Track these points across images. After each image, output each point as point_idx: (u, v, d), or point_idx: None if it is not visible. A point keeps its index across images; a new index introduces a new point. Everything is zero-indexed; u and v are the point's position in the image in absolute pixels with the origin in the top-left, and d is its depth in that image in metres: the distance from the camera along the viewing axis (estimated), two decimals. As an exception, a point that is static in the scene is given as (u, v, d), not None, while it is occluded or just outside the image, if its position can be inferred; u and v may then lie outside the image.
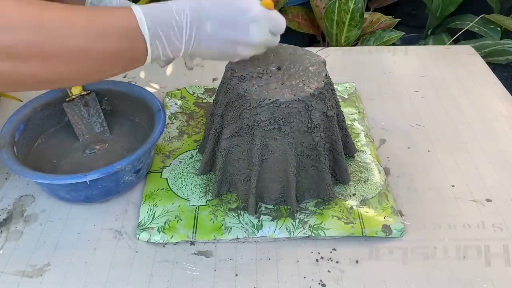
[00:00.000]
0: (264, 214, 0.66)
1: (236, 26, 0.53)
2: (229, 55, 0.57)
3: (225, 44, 0.54)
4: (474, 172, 0.74)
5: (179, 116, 0.84)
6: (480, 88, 0.93)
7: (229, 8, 0.53)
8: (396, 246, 0.63)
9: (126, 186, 0.69)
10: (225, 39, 0.54)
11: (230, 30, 0.53)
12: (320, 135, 0.63)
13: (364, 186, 0.70)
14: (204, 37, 0.53)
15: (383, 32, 1.49)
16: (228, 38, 0.54)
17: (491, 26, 1.50)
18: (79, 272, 0.60)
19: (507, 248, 0.63)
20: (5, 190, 0.71)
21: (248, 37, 0.54)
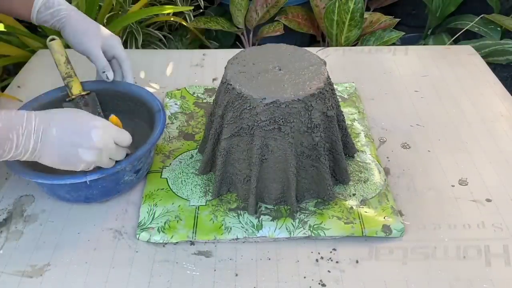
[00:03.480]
0: (264, 214, 0.66)
1: (80, 132, 0.58)
2: (72, 159, 0.58)
3: (69, 147, 0.57)
4: (474, 172, 0.74)
5: (179, 116, 0.84)
6: (480, 88, 0.93)
7: (74, 119, 0.59)
8: (396, 246, 0.63)
9: (126, 186, 0.69)
10: (69, 142, 0.57)
11: (74, 135, 0.57)
12: (320, 135, 0.63)
13: (364, 186, 0.70)
14: (50, 141, 0.56)
15: (383, 32, 1.50)
16: (71, 141, 0.57)
17: (491, 26, 1.50)
18: (79, 272, 0.60)
19: (507, 248, 0.63)
20: (5, 190, 0.71)
21: (89, 141, 0.57)
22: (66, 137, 0.57)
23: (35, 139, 0.55)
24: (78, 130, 0.57)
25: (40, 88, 0.79)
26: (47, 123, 0.56)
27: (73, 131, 0.57)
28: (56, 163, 0.58)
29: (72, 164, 0.58)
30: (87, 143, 0.57)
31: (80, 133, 0.57)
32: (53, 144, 0.56)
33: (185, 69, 0.99)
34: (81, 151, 0.57)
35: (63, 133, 0.57)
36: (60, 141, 0.56)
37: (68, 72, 0.74)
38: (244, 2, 1.64)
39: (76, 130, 0.57)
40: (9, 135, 0.54)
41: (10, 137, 0.54)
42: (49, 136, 0.56)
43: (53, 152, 0.57)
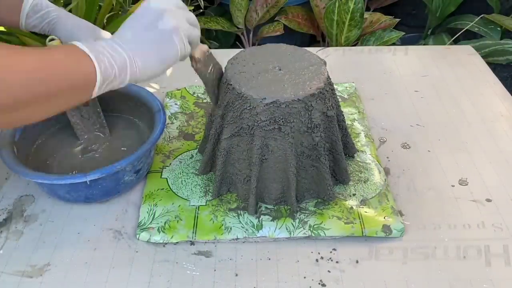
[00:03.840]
0: (264, 214, 0.66)
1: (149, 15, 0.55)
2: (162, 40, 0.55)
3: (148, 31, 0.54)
4: (474, 172, 0.74)
5: (179, 116, 0.84)
6: (480, 88, 0.93)
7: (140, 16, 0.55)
8: (396, 246, 0.63)
9: (126, 186, 0.69)
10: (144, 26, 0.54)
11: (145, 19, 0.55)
12: (320, 135, 0.63)
13: (364, 186, 0.70)
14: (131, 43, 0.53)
15: (383, 32, 1.50)
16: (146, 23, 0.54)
17: (491, 26, 1.50)
18: (79, 272, 0.60)
19: (507, 248, 0.63)
20: (5, 190, 0.71)
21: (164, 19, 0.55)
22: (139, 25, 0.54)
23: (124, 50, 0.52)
24: (148, 15, 0.54)
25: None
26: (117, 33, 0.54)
27: (142, 18, 0.54)
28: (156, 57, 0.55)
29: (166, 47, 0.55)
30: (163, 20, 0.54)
31: (150, 15, 0.54)
32: (136, 41, 0.53)
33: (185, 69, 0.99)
34: (160, 23, 0.54)
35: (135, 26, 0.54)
36: (137, 34, 0.54)
37: (68, 72, 0.73)
38: (244, 2, 1.64)
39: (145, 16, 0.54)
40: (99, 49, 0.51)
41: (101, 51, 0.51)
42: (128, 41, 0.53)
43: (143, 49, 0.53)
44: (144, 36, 0.54)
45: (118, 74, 0.52)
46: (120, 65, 0.52)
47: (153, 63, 0.55)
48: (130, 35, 0.54)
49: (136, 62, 0.53)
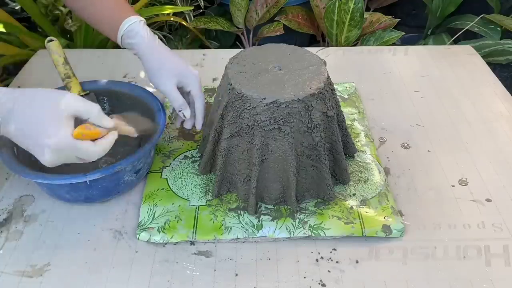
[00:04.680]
0: (264, 214, 0.66)
1: (34, 144, 0.53)
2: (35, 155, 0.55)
3: (28, 146, 0.54)
4: (474, 172, 0.74)
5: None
6: (480, 88, 0.93)
7: (33, 123, 0.53)
8: (396, 246, 0.63)
9: (126, 186, 0.69)
10: (25, 145, 0.54)
11: (29, 143, 0.53)
12: (320, 135, 0.63)
13: (364, 186, 0.70)
14: (9, 134, 0.54)
15: (383, 32, 1.49)
16: (28, 147, 0.54)
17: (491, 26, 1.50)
18: (79, 272, 0.60)
19: (507, 248, 0.63)
20: (5, 190, 0.71)
21: (42, 157, 0.54)
22: (23, 141, 0.54)
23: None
24: (33, 141, 0.53)
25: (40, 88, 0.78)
26: (6, 115, 0.53)
27: (29, 139, 0.53)
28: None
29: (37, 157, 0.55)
30: (40, 158, 0.54)
31: (34, 146, 0.53)
32: (13, 137, 0.54)
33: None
34: (39, 155, 0.54)
35: (21, 135, 0.53)
36: (18, 139, 0.54)
37: (67, 73, 0.73)
38: (244, 2, 1.64)
39: (31, 139, 0.53)
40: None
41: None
42: (8, 130, 0.53)
43: (16, 141, 0.54)
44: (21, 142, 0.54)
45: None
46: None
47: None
48: (13, 129, 0.53)
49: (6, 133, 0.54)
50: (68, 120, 0.53)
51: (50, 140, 0.52)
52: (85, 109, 0.54)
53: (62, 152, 0.53)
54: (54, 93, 0.55)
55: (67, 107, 0.53)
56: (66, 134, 0.53)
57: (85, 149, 0.54)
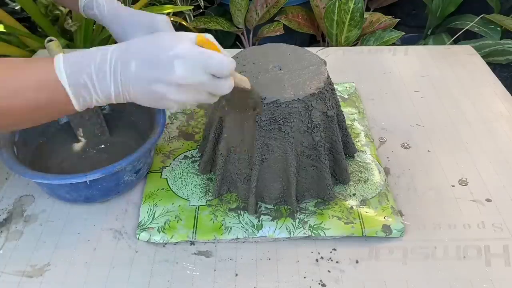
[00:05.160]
0: (264, 214, 0.66)
1: (159, 64, 0.47)
2: (158, 98, 0.49)
3: (151, 84, 0.48)
4: (474, 172, 0.74)
5: (179, 116, 0.84)
6: (480, 88, 0.93)
7: (153, 47, 0.48)
8: (396, 246, 0.63)
9: (126, 186, 0.69)
10: (149, 78, 0.47)
11: (154, 69, 0.47)
12: (320, 135, 0.63)
13: (364, 186, 0.70)
14: (130, 78, 0.48)
15: (383, 32, 1.50)
16: (152, 76, 0.47)
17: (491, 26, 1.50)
18: (79, 272, 0.60)
19: (507, 248, 0.63)
20: (5, 190, 0.71)
21: (171, 75, 0.47)
22: (145, 72, 0.47)
23: (113, 80, 0.47)
24: (158, 62, 0.46)
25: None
26: (124, 57, 0.47)
27: (152, 63, 0.47)
28: (146, 102, 0.50)
29: (161, 104, 0.49)
30: (170, 77, 0.46)
31: (160, 65, 0.47)
32: (135, 81, 0.47)
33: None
34: (164, 89, 0.47)
35: (142, 67, 0.47)
36: (139, 78, 0.47)
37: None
38: (244, 2, 1.64)
39: (156, 61, 0.47)
40: (82, 79, 0.47)
41: (84, 82, 0.47)
42: (128, 73, 0.47)
43: (138, 89, 0.48)
44: (141, 79, 0.47)
45: (101, 102, 0.50)
46: (104, 97, 0.49)
47: (143, 103, 0.50)
48: (133, 66, 0.47)
49: (124, 96, 0.49)
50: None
51: (176, 49, 0.46)
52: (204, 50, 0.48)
53: (193, 62, 0.47)
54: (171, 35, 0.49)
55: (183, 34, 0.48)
56: (190, 43, 0.47)
57: (217, 57, 0.47)
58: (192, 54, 0.47)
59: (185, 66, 0.47)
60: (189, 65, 0.47)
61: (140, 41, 0.49)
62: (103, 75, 0.47)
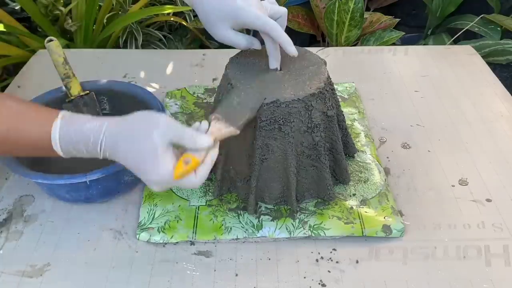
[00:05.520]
0: (264, 214, 0.66)
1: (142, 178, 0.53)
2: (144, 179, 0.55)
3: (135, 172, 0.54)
4: (474, 172, 0.74)
5: (179, 116, 0.84)
6: (480, 88, 0.93)
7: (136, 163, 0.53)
8: (396, 246, 0.63)
9: (126, 186, 0.69)
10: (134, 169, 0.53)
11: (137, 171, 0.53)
12: (320, 135, 0.63)
13: (364, 186, 0.70)
14: (118, 156, 0.53)
15: (383, 32, 1.49)
16: (136, 171, 0.53)
17: (491, 26, 1.50)
18: (79, 272, 0.60)
19: (507, 248, 0.63)
20: (5, 190, 0.71)
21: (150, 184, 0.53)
22: (131, 166, 0.53)
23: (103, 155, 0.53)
24: (139, 175, 0.53)
25: (40, 88, 0.79)
26: (113, 143, 0.52)
27: (135, 168, 0.53)
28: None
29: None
30: (149, 183, 0.53)
31: (143, 172, 0.53)
32: (122, 161, 0.53)
33: (185, 69, 0.99)
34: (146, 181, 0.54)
35: (127, 163, 0.53)
36: (126, 164, 0.54)
37: (67, 73, 0.73)
38: (244, 2, 1.64)
39: (138, 173, 0.53)
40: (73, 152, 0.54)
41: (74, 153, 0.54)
42: (117, 156, 0.53)
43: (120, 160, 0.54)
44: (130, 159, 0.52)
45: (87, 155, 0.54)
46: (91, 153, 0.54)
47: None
48: (122, 148, 0.52)
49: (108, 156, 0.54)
50: (164, 152, 0.51)
51: (152, 178, 0.52)
52: (177, 135, 0.52)
53: (167, 185, 0.54)
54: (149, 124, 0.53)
55: (161, 138, 0.52)
56: (166, 171, 0.51)
57: (187, 183, 0.53)
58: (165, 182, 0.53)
59: (159, 188, 0.54)
60: (163, 186, 0.54)
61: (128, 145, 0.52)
62: (94, 153, 0.53)
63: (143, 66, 0.99)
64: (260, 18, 0.61)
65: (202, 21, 0.64)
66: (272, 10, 0.64)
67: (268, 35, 0.62)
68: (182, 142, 0.52)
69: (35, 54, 1.04)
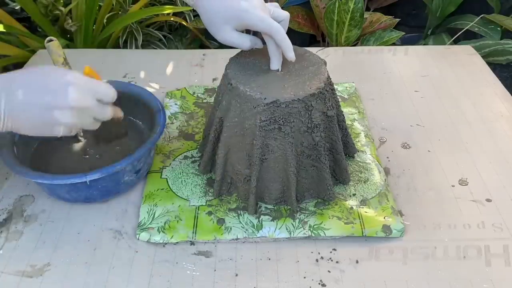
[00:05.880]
0: (264, 214, 0.66)
1: (52, 91, 0.51)
2: (49, 123, 0.52)
3: (41, 110, 0.51)
4: (474, 172, 0.74)
5: (179, 116, 0.84)
6: (480, 88, 0.93)
7: (42, 76, 0.52)
8: (396, 246, 0.63)
9: (126, 186, 0.69)
10: (40, 104, 0.50)
11: (46, 95, 0.50)
12: (320, 135, 0.63)
13: (364, 186, 0.70)
14: (16, 105, 0.50)
15: (383, 32, 1.49)
16: (43, 101, 0.50)
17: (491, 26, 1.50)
18: (79, 272, 0.60)
19: (507, 248, 0.63)
20: (5, 190, 0.71)
21: (65, 99, 0.51)
22: (36, 98, 0.50)
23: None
24: (50, 89, 0.50)
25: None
26: (8, 85, 0.49)
27: (43, 90, 0.50)
28: (31, 130, 0.53)
29: (49, 129, 0.52)
30: (62, 102, 0.50)
31: (53, 91, 0.50)
32: (22, 109, 0.50)
33: (185, 69, 0.99)
34: (57, 112, 0.51)
35: (32, 94, 0.50)
36: (29, 104, 0.50)
37: (68, 73, 0.73)
38: (244, 2, 1.64)
39: (47, 88, 0.50)
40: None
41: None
42: (15, 101, 0.49)
43: (24, 118, 0.51)
44: (31, 105, 0.50)
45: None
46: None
47: (26, 132, 0.53)
48: (20, 94, 0.50)
49: (6, 125, 0.51)
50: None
51: (68, 77, 0.51)
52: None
53: (84, 88, 0.52)
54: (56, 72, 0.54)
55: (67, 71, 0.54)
56: (78, 73, 0.53)
57: (104, 85, 0.55)
58: (83, 81, 0.53)
59: (77, 91, 0.52)
60: (81, 90, 0.52)
61: (27, 72, 0.53)
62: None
63: (143, 66, 0.99)
64: (264, 20, 0.61)
65: (205, 23, 0.64)
66: (274, 13, 0.64)
67: (271, 37, 0.62)
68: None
69: (35, 54, 1.04)
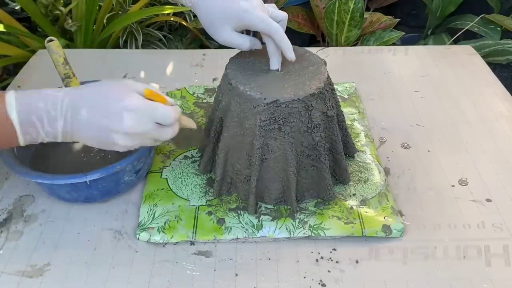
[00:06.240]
0: (264, 214, 0.66)
1: (110, 114, 0.52)
2: (107, 143, 0.55)
3: (101, 131, 0.53)
4: (474, 172, 0.74)
5: (179, 116, 0.84)
6: (480, 88, 0.93)
7: (104, 97, 0.53)
8: (396, 246, 0.63)
9: (126, 186, 0.69)
10: (99, 126, 0.53)
11: (103, 117, 0.52)
12: (320, 135, 0.63)
13: (364, 186, 0.70)
14: (80, 124, 0.52)
15: (383, 32, 1.50)
16: (102, 124, 0.52)
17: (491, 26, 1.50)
18: (79, 272, 0.60)
19: (507, 248, 0.63)
20: (5, 190, 0.71)
21: (120, 126, 0.53)
22: (96, 120, 0.52)
23: (63, 124, 0.51)
24: (109, 111, 0.52)
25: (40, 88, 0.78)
26: (75, 103, 0.51)
27: (103, 112, 0.52)
28: (93, 144, 0.55)
29: (109, 147, 0.55)
30: (119, 127, 0.52)
31: (110, 115, 0.52)
32: (85, 126, 0.52)
33: (185, 69, 0.99)
34: (114, 136, 0.53)
35: (93, 115, 0.52)
36: (91, 124, 0.52)
37: (67, 73, 0.73)
38: (244, 2, 1.64)
39: (107, 111, 0.52)
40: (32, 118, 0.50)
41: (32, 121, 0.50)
42: (79, 119, 0.52)
43: (87, 134, 0.53)
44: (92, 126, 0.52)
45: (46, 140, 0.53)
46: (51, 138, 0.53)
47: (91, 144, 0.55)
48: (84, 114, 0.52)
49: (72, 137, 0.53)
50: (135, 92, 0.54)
51: (125, 102, 0.52)
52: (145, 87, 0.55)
53: (141, 113, 0.53)
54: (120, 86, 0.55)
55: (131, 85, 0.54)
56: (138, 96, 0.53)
57: (162, 109, 0.54)
58: (140, 106, 0.53)
59: (133, 117, 0.53)
60: (136, 116, 0.53)
61: (91, 89, 0.54)
62: (53, 118, 0.51)
63: (143, 66, 1.00)
64: (264, 20, 0.61)
65: (203, 24, 0.64)
66: (273, 14, 0.64)
67: (270, 37, 0.63)
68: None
69: (35, 54, 1.04)
